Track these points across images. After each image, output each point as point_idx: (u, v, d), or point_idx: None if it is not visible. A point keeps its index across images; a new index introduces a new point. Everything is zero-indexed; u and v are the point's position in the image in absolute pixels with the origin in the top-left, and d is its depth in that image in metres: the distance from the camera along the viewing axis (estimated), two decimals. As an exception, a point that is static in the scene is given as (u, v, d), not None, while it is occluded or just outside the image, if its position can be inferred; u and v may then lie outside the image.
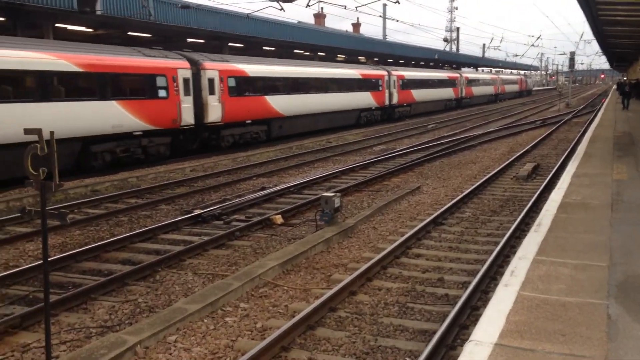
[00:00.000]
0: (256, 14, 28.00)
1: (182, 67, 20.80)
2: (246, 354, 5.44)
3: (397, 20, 51.05)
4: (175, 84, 20.29)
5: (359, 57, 47.46)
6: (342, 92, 31.90)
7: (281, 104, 26.29)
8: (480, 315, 4.96)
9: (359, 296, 7.30)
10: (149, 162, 19.68)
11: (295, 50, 37.39)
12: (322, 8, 53.65)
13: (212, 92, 22.00)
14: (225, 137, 23.34)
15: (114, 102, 18.13)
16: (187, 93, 20.84)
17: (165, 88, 19.98)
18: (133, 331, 6.00)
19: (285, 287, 7.67)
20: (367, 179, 15.53)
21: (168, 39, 27.35)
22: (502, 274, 6.36)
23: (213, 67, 22.25)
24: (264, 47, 33.93)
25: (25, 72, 15.67)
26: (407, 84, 40.56)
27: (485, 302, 6.61)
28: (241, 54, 30.02)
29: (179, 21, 24.16)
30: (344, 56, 44.41)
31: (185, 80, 20.81)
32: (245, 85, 24.00)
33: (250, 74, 24.43)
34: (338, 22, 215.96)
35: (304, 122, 28.68)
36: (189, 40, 28.49)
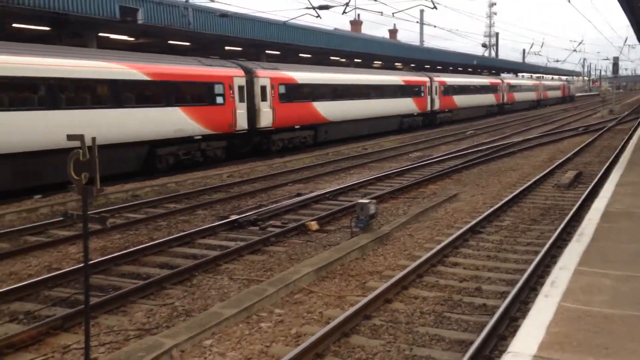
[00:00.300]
0: (293, 21, 28.24)
1: (237, 75, 22.00)
2: (280, 359, 5.44)
3: (435, 26, 51.06)
4: (231, 91, 21.49)
5: (396, 64, 47.28)
6: (385, 99, 32.61)
7: (327, 109, 27.18)
8: (519, 326, 4.85)
9: (394, 304, 7.23)
10: (206, 164, 20.76)
11: (331, 57, 37.49)
12: (358, 15, 53.88)
13: (264, 99, 23.10)
14: (276, 141, 24.39)
15: (177, 109, 19.36)
16: (241, 100, 21.99)
17: (223, 95, 21.14)
18: (170, 334, 6.08)
19: (320, 294, 7.66)
20: (403, 186, 15.42)
21: (206, 47, 27.80)
22: (542, 284, 6.21)
23: (265, 75, 23.36)
24: (300, 54, 34.15)
25: (101, 81, 16.90)
26: (449, 90, 40.97)
27: (524, 312, 6.46)
28: (278, 61, 30.27)
29: (217, 29, 24.54)
30: (380, 62, 44.31)
31: (240, 88, 21.97)
32: (294, 92, 25.00)
33: (299, 81, 25.40)
34: (375, 28, 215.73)
35: (349, 128, 29.53)
36: (226, 48, 28.89)
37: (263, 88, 23.09)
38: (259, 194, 15.34)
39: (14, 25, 19.14)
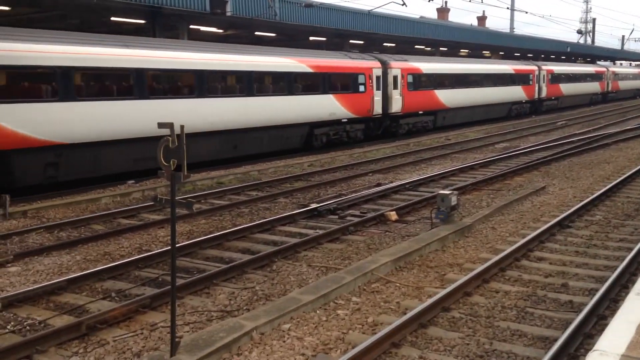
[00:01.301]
0: (378, 10, 28.03)
1: (375, 67, 24.84)
2: (356, 346, 5.47)
3: (527, 12, 48.96)
4: (370, 81, 24.41)
5: (484, 52, 45.82)
6: (497, 87, 34.55)
7: (446, 97, 29.44)
8: (607, 324, 4.61)
9: (474, 297, 7.07)
10: (349, 144, 23.82)
11: (416, 46, 36.90)
12: (445, 2, 52.51)
13: (395, 87, 25.74)
14: (403, 125, 27.12)
15: (330, 96, 22.53)
16: (377, 88, 24.84)
17: (364, 84, 24.15)
18: (250, 317, 6.26)
19: (398, 284, 7.62)
20: (487, 178, 15.00)
21: (292, 37, 28.13)
22: (634, 282, 5.86)
23: (397, 66, 25.94)
24: (384, 44, 33.84)
25: (280, 73, 20.38)
26: (556, 78, 42.20)
27: (613, 311, 6.13)
28: (362, 51, 30.21)
29: (303, 20, 24.76)
30: (466, 50, 43.11)
31: (377, 78, 24.82)
32: (419, 81, 27.62)
33: (424, 71, 27.89)
34: (463, 15, 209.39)
35: (464, 114, 31.90)
36: (311, 38, 29.11)
37: (395, 78, 25.68)
38: (338, 183, 15.42)
39: (112, 18, 20.19)
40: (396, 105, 25.84)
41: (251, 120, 18.89)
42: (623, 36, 80.00)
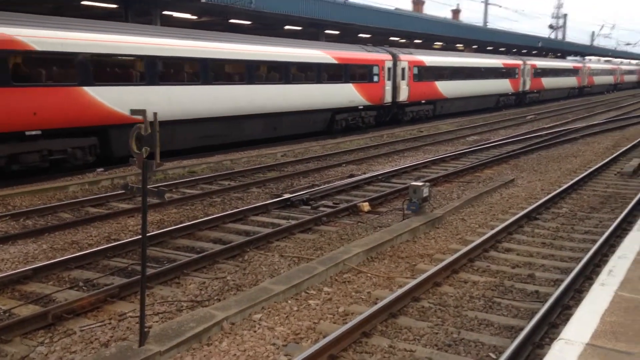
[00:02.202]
0: (354, 0, 28.02)
1: (387, 59, 27.15)
2: (327, 336, 5.50)
3: (500, 6, 49.88)
4: (383, 72, 26.71)
5: (457, 45, 46.19)
6: (489, 79, 37.39)
7: (445, 88, 32.00)
8: (572, 314, 4.72)
9: (443, 287, 7.17)
10: (363, 129, 26.23)
11: (391, 38, 36.99)
12: (420, -6, 52.71)
13: (403, 78, 28.25)
14: (408, 113, 29.74)
15: (350, 85, 24.83)
16: (388, 79, 27.20)
17: (377, 75, 26.46)
18: (221, 307, 6.23)
19: (369, 274, 7.67)
20: (458, 170, 15.16)
21: (267, 26, 27.93)
22: (598, 273, 6.00)
23: (405, 59, 28.34)
24: (359, 35, 33.83)
25: (311, 64, 22.70)
26: (539, 73, 45.19)
27: (578, 301, 6.27)
28: (337, 41, 30.19)
29: (278, 8, 24.61)
30: (441, 43, 43.41)
31: (388, 69, 27.11)
32: (423, 73, 30.00)
33: (427, 64, 30.21)
34: (438, 8, 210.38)
35: (459, 104, 34.45)
36: (286, 27, 28.94)
37: (403, 69, 28.14)
38: (312, 173, 15.43)
39: (83, 2, 19.76)
40: (403, 95, 28.38)
41: (288, 105, 21.41)
42: (593, 32, 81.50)
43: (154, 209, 11.10)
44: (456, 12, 63.60)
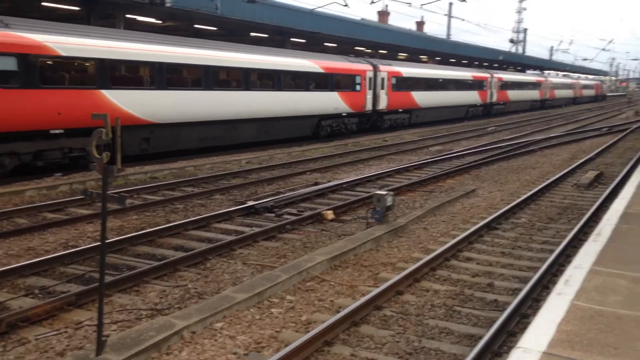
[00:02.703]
0: (320, 9, 28.18)
1: (368, 70, 28.64)
2: (289, 345, 5.48)
3: (463, 19, 51.22)
4: (364, 81, 28.22)
5: (421, 56, 46.86)
6: (460, 91, 39.51)
7: (420, 98, 33.71)
8: (529, 323, 4.81)
9: (405, 296, 7.22)
10: (346, 134, 27.77)
11: (356, 47, 37.28)
12: (386, 5, 53.44)
13: (382, 88, 29.74)
14: (386, 120, 31.25)
15: (335, 93, 26.28)
16: (369, 88, 28.71)
17: (360, 84, 27.94)
18: (181, 315, 6.14)
19: (332, 283, 7.68)
20: (421, 179, 15.35)
21: (233, 32, 27.80)
22: (555, 282, 6.15)
23: (384, 70, 29.84)
24: (325, 43, 33.99)
25: (302, 73, 24.05)
26: (505, 85, 47.48)
27: (536, 310, 6.41)
28: (304, 50, 30.32)
29: (244, 15, 24.53)
30: (405, 54, 43.97)
31: (369, 79, 28.64)
32: (401, 83, 31.62)
33: (404, 75, 31.80)
34: (403, 20, 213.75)
35: (432, 113, 36.22)
36: (252, 34, 28.87)
37: (382, 79, 29.67)
38: (276, 181, 15.39)
39: (44, 4, 19.32)
40: (382, 103, 29.96)
41: (279, 111, 22.75)
42: (552, 47, 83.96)
43: (113, 215, 10.89)
44: (420, 24, 64.57)
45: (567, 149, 24.20)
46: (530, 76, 57.23)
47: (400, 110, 32.12)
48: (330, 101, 25.86)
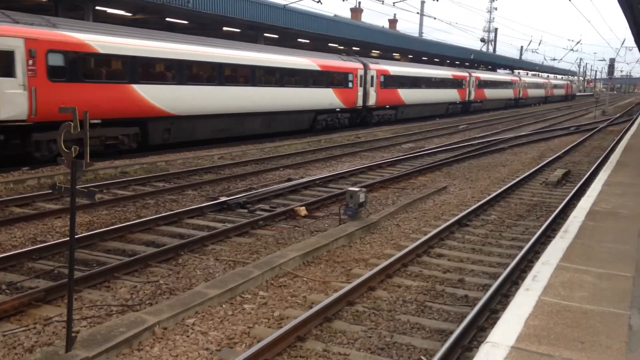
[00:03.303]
0: (293, 5, 28.09)
1: (359, 68, 30.65)
2: (262, 341, 5.48)
3: (435, 18, 51.52)
4: (356, 79, 30.22)
5: (394, 54, 47.14)
6: (442, 89, 41.63)
7: (405, 95, 35.59)
8: (499, 318, 4.91)
9: (377, 292, 7.28)
10: (340, 128, 29.86)
11: (329, 44, 37.32)
12: (359, 2, 53.40)
13: (372, 85, 31.72)
14: (375, 116, 33.43)
15: (330, 89, 28.19)
16: (360, 85, 30.65)
17: (352, 81, 29.96)
18: (153, 312, 6.09)
19: (305, 279, 7.70)
20: (393, 176, 15.47)
21: (205, 26, 27.56)
22: (524, 278, 6.27)
23: (374, 68, 31.57)
24: (298, 40, 33.94)
25: (301, 70, 25.91)
26: (481, 84, 49.76)
27: (505, 305, 6.52)
28: (274, 45, 30.28)
29: (217, 9, 24.32)
30: (378, 52, 44.18)
31: (360, 77, 30.60)
32: (389, 81, 33.60)
33: (392, 73, 33.57)
34: (375, 17, 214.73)
35: (416, 110, 38.26)
36: (224, 28, 28.66)
37: (372, 77, 31.64)
38: (249, 177, 15.33)
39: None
40: (372, 100, 31.77)
41: (280, 105, 24.51)
42: (522, 46, 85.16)
43: (83, 210, 10.73)
44: (393, 22, 64.80)
45: (536, 147, 24.65)
46: (505, 75, 59.73)
47: (388, 106, 34.08)
48: (325, 97, 27.79)
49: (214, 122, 21.15)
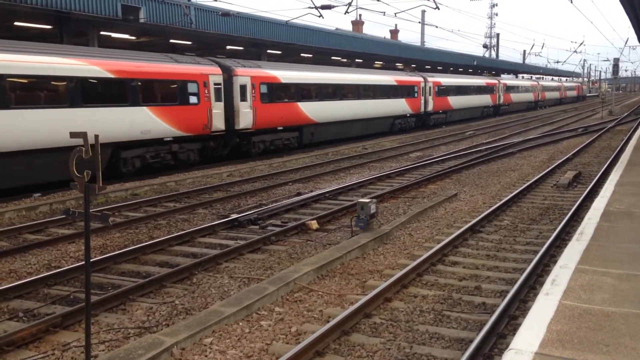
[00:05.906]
0: (295, 20, 28.26)
1: (421, 81, 36.25)
2: (280, 357, 5.44)
3: (437, 27, 52.39)
4: (420, 90, 36.45)
5: (397, 64, 47.25)
6: (479, 95, 48.23)
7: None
8: (518, 324, 4.85)
9: (394, 303, 7.23)
10: (408, 130, 36.26)
11: (332, 57, 37.48)
12: (360, 15, 53.75)
13: (430, 94, 37.98)
14: (432, 119, 39.63)
15: (403, 99, 34.95)
16: (423, 94, 37.42)
17: (417, 92, 36.47)
18: (170, 332, 6.07)
19: (320, 292, 7.66)
20: (403, 186, 15.42)
21: (208, 46, 27.75)
22: (541, 283, 6.21)
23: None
24: (301, 54, 34.12)
25: (386, 86, 33.15)
26: (508, 89, 55.42)
27: (524, 311, 6.47)
28: (280, 61, 30.50)
29: (220, 29, 24.47)
30: (381, 62, 44.30)
31: (423, 87, 36.79)
32: (441, 90, 40.09)
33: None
34: (377, 28, 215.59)
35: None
36: (228, 47, 28.85)
37: (430, 88, 37.25)
38: (259, 193, 15.34)
39: (16, 23, 19.12)
40: (430, 106, 38.32)
41: (374, 113, 31.41)
42: (524, 50, 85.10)
43: (96, 233, 10.75)
44: (394, 32, 65.07)
45: (545, 150, 24.54)
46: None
47: (440, 111, 40.07)
48: (400, 105, 34.49)
49: (336, 126, 28.36)
